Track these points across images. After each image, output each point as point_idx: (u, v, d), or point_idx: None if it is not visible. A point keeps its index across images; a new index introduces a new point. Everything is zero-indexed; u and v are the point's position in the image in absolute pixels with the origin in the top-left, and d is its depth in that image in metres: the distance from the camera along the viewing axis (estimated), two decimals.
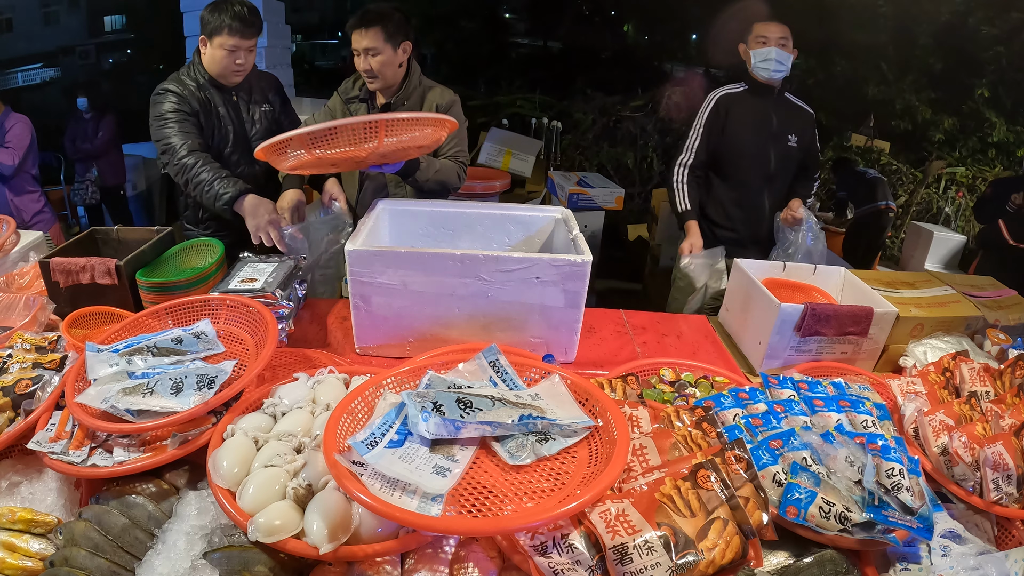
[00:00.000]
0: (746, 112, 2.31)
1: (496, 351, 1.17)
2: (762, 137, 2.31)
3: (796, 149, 2.35)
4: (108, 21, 9.14)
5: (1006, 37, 5.88)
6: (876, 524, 0.94)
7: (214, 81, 2.02)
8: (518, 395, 1.06)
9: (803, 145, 2.37)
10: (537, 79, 7.36)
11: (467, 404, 0.98)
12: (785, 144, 2.33)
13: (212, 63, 1.98)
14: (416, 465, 0.91)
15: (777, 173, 2.35)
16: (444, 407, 0.96)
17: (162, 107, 1.94)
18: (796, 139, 2.34)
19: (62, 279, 1.60)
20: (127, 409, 1.08)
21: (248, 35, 1.93)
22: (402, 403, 1.00)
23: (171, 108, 1.93)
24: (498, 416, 0.98)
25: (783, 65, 2.23)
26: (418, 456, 0.93)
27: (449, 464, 0.93)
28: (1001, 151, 6.32)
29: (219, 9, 1.90)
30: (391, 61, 2.00)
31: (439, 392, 1.01)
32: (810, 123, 2.41)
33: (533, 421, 0.99)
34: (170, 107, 1.93)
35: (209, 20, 1.92)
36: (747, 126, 2.31)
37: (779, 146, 2.32)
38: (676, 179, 2.34)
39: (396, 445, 0.94)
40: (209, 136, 2.03)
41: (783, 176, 2.37)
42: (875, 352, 1.66)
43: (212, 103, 2.02)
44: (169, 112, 1.93)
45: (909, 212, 5.84)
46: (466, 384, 1.09)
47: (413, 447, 0.95)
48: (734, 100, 2.33)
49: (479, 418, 0.96)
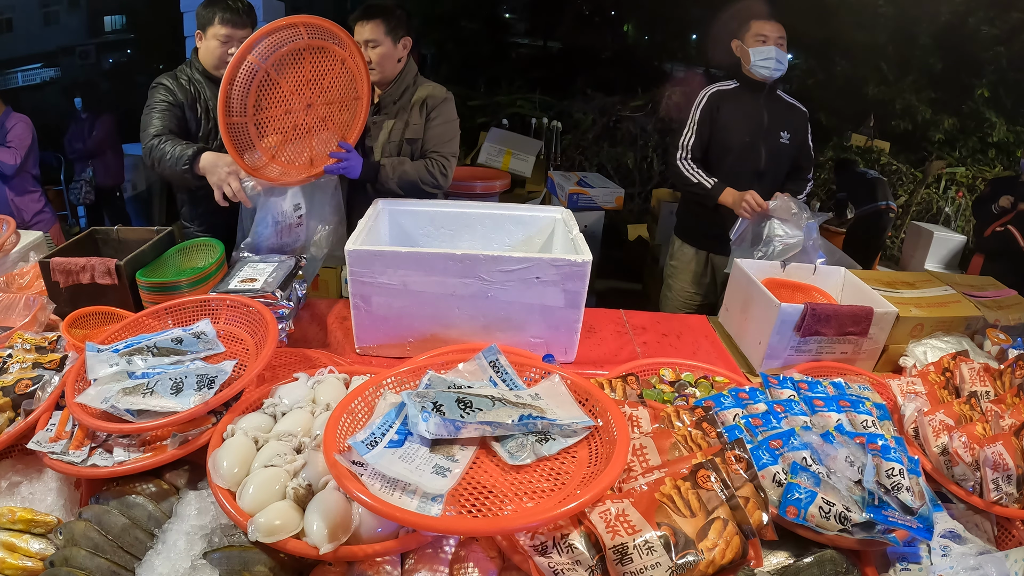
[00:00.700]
0: (737, 108, 2.31)
1: (496, 351, 1.17)
2: (753, 133, 2.31)
3: (788, 146, 2.35)
4: (108, 21, 9.13)
5: (1006, 37, 5.88)
6: (876, 524, 0.94)
7: (207, 73, 2.04)
8: (518, 395, 1.06)
9: (796, 142, 2.37)
10: (537, 79, 7.36)
11: (467, 404, 0.98)
12: (777, 141, 2.33)
13: (207, 55, 2.01)
14: (416, 465, 0.91)
15: (768, 169, 2.34)
16: (444, 407, 0.96)
17: (151, 99, 1.99)
18: (788, 136, 2.35)
19: (62, 279, 1.60)
20: (127, 409, 1.08)
21: (240, 25, 1.96)
22: (402, 403, 1.00)
23: (158, 99, 1.98)
24: (498, 416, 0.98)
25: (782, 64, 2.23)
26: (418, 456, 0.93)
27: (449, 464, 0.93)
28: (1001, 151, 6.32)
29: (213, 3, 1.95)
30: (391, 55, 2.03)
31: (439, 392, 1.01)
32: (803, 121, 2.41)
33: (533, 421, 0.99)
34: (158, 98, 1.98)
35: (203, 13, 1.97)
36: (738, 122, 2.31)
37: (770, 142, 2.32)
38: (683, 168, 2.33)
39: (396, 445, 0.94)
40: (195, 127, 2.05)
41: (774, 173, 2.37)
42: (875, 352, 1.66)
43: (201, 96, 2.04)
44: (155, 103, 1.97)
45: (909, 212, 5.84)
46: (466, 384, 1.09)
47: (413, 447, 0.95)
48: (725, 96, 2.33)
49: (479, 418, 0.96)
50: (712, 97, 2.34)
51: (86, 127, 4.71)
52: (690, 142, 2.33)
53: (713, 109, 2.32)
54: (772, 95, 2.35)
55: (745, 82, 2.32)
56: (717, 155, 2.35)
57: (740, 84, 2.33)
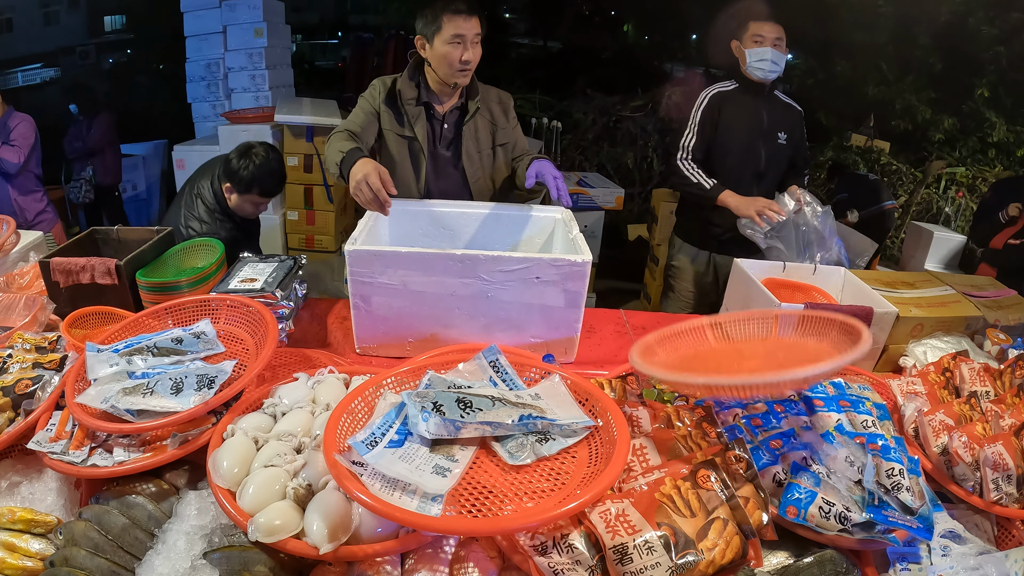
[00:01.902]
0: (737, 110, 2.31)
1: (496, 351, 1.17)
2: (753, 135, 2.31)
3: (786, 147, 2.36)
4: (108, 21, 9.12)
5: (1006, 37, 5.88)
6: (876, 524, 0.94)
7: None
8: (518, 395, 1.06)
9: (792, 142, 2.38)
10: (537, 79, 7.36)
11: (467, 404, 0.98)
12: (775, 142, 2.34)
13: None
14: (416, 465, 0.91)
15: (767, 171, 2.35)
16: (444, 407, 0.96)
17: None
18: (786, 137, 2.35)
19: (62, 279, 1.60)
20: (127, 409, 1.08)
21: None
22: (402, 403, 1.00)
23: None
24: (498, 416, 0.98)
25: (778, 66, 2.23)
26: (418, 456, 0.93)
27: (449, 464, 0.93)
28: (1001, 151, 6.32)
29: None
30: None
31: (439, 392, 1.01)
32: (799, 120, 2.42)
33: (533, 421, 0.99)
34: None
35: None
36: (739, 124, 2.31)
37: (769, 144, 2.33)
38: (684, 168, 2.32)
39: (396, 445, 0.94)
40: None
41: (773, 174, 2.38)
42: (875, 352, 1.66)
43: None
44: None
45: (909, 212, 5.83)
46: (466, 384, 1.09)
47: (413, 447, 0.95)
48: (726, 98, 2.33)
49: (479, 418, 0.96)
50: (713, 99, 2.34)
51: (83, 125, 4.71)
52: (691, 144, 2.33)
53: (714, 111, 2.32)
54: (770, 96, 2.36)
55: (744, 83, 2.32)
56: (718, 157, 2.35)
57: (739, 85, 2.34)
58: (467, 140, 1.95)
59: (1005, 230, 3.40)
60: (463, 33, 1.78)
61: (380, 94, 1.94)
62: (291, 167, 3.71)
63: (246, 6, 4.04)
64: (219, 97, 4.29)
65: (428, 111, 1.94)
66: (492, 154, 2.00)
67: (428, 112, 1.95)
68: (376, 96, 1.95)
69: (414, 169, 1.96)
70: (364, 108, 1.94)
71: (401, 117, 1.94)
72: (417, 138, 1.93)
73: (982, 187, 5.86)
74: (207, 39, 4.18)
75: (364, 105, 1.95)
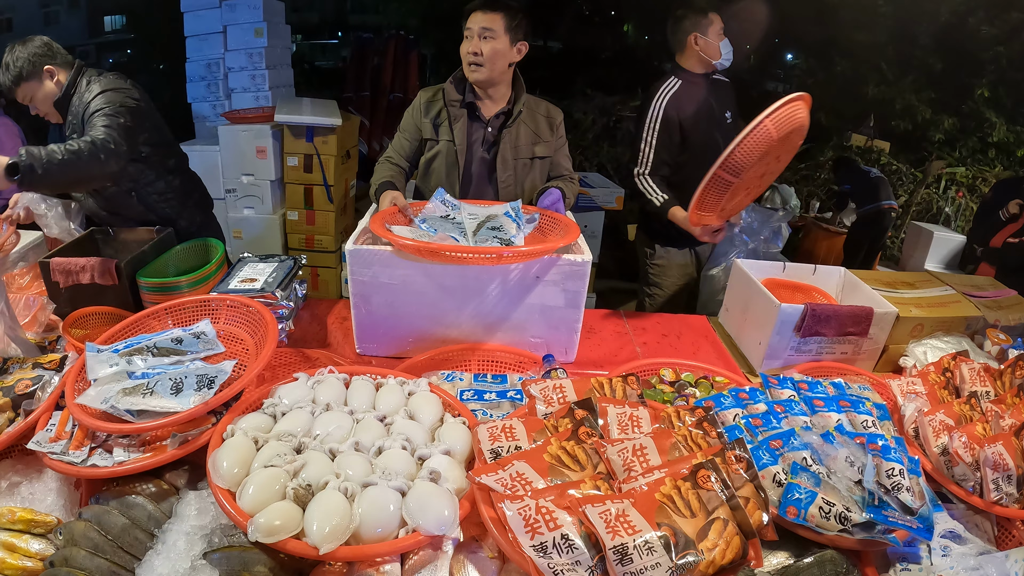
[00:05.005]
0: (690, 108, 2.26)
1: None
2: (707, 127, 2.28)
3: (732, 124, 2.34)
4: (108, 21, 9.13)
5: (1006, 37, 5.87)
6: (876, 524, 0.94)
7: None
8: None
9: (735, 118, 2.36)
10: (537, 79, 7.33)
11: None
12: (725, 124, 2.33)
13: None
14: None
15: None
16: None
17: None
18: (731, 115, 2.35)
19: (62, 279, 1.60)
20: (127, 409, 1.08)
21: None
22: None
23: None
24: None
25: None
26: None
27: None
28: (1001, 151, 6.31)
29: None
30: (504, 53, 1.83)
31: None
32: (731, 91, 2.40)
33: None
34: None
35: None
36: (693, 121, 2.26)
37: (721, 128, 2.31)
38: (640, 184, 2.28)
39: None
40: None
41: None
42: (875, 352, 1.66)
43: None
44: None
45: (909, 212, 5.83)
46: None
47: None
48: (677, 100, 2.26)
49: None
50: (667, 107, 2.25)
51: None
52: (648, 158, 2.27)
53: (672, 120, 2.25)
54: (710, 81, 2.33)
55: (686, 77, 2.27)
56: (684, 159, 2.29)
57: (682, 81, 2.27)
58: (504, 145, 1.94)
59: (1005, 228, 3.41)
60: (470, 26, 1.83)
61: (421, 106, 1.97)
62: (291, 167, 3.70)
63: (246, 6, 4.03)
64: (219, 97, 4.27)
65: (472, 112, 1.95)
66: (529, 164, 1.97)
67: (472, 114, 1.95)
68: (417, 110, 1.98)
69: (447, 172, 1.95)
70: (406, 127, 2.00)
71: (441, 122, 1.95)
72: (455, 140, 1.92)
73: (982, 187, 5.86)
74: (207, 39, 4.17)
75: (406, 123, 2.00)
